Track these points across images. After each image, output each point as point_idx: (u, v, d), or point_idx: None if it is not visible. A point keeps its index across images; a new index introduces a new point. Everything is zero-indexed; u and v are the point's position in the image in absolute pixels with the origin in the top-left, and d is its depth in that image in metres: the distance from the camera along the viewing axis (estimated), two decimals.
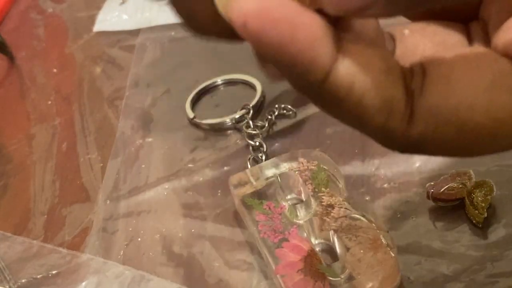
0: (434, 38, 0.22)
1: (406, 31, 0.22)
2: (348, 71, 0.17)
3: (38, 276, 0.35)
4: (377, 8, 0.16)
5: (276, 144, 0.39)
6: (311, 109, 0.41)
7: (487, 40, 0.21)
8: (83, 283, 0.34)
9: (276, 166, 0.35)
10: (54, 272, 0.35)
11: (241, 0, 0.16)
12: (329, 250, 0.32)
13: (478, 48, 0.20)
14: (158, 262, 0.35)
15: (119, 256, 0.36)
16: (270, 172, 0.34)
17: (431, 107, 0.18)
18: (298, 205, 0.33)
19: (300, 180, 0.33)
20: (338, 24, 0.18)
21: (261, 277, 0.33)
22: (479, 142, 0.18)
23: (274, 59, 0.17)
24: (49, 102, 0.48)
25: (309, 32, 0.17)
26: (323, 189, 0.32)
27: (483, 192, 0.32)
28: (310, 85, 0.17)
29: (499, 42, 0.19)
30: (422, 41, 0.22)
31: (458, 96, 0.18)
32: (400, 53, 0.22)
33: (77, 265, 0.35)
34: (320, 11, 0.17)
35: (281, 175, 0.34)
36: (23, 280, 0.35)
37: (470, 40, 0.22)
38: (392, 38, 0.22)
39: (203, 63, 0.47)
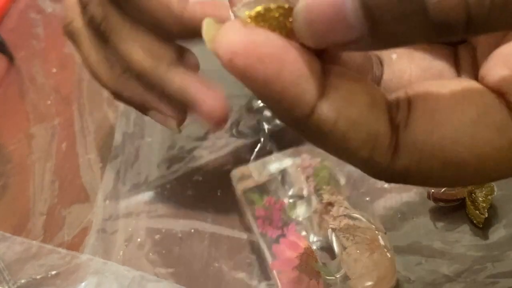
0: (421, 63, 0.22)
1: (394, 56, 0.22)
2: (333, 107, 0.17)
3: (38, 277, 0.35)
4: (362, 44, 0.16)
5: (278, 142, 0.39)
6: None
7: (474, 66, 0.21)
8: (83, 284, 0.34)
9: (279, 161, 0.34)
10: (53, 272, 0.35)
11: (228, 35, 0.16)
12: (327, 248, 0.32)
13: (465, 81, 0.19)
14: (158, 262, 0.35)
15: (119, 257, 0.36)
16: (273, 167, 0.34)
17: (415, 142, 0.18)
18: (298, 202, 0.33)
19: (302, 176, 0.33)
20: (324, 52, 0.18)
21: (261, 277, 0.33)
22: (463, 176, 0.18)
23: (260, 94, 0.17)
24: (49, 102, 0.48)
25: (294, 69, 0.17)
26: (324, 186, 0.32)
27: (483, 192, 0.32)
28: (296, 120, 0.18)
29: (485, 75, 0.19)
30: (409, 66, 0.22)
31: (442, 131, 0.18)
32: (387, 78, 0.22)
33: (76, 265, 0.35)
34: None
35: (283, 170, 0.34)
36: (22, 281, 0.35)
37: (458, 66, 0.22)
38: (380, 62, 0.22)
39: (203, 63, 0.47)
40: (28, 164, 0.43)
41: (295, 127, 0.18)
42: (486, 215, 0.31)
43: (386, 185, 0.35)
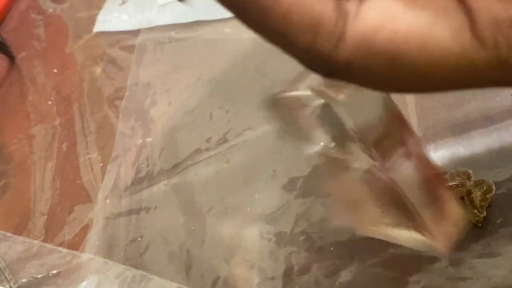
0: None
1: None
2: None
3: (39, 276, 0.35)
4: None
5: None
6: None
7: None
8: (84, 283, 0.34)
9: None
10: (54, 272, 0.35)
11: None
12: None
13: None
14: (158, 262, 0.35)
15: (120, 256, 0.36)
16: None
17: (365, 32, 0.17)
18: None
19: None
20: None
21: (262, 276, 0.33)
22: (408, 79, 0.18)
23: None
24: (49, 102, 0.48)
25: None
26: None
27: (482, 191, 0.32)
28: None
29: None
30: None
31: (396, 25, 0.17)
32: None
33: (77, 264, 0.35)
34: None
35: None
36: (23, 280, 0.35)
37: None
38: None
39: (203, 63, 0.47)
40: (29, 164, 0.43)
41: (233, 6, 0.17)
42: (485, 214, 0.31)
43: None
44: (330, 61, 0.18)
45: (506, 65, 0.18)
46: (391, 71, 0.18)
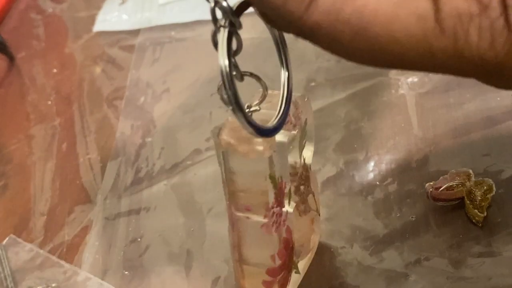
0: None
1: None
2: None
3: None
4: None
5: None
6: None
7: None
8: None
9: None
10: (53, 285, 0.35)
11: None
12: None
13: None
14: (158, 262, 0.35)
15: (119, 257, 0.36)
16: None
17: (336, 1, 0.18)
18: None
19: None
20: None
21: None
22: (370, 52, 0.19)
23: None
24: (49, 102, 0.48)
25: None
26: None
27: (482, 191, 0.32)
28: None
29: None
30: None
31: (367, 1, 0.18)
32: None
33: (75, 283, 0.35)
34: None
35: None
36: None
37: None
38: None
39: (203, 63, 0.47)
40: (29, 164, 0.43)
41: None
42: (485, 214, 0.31)
43: (385, 182, 0.35)
44: (299, 22, 0.19)
45: (462, 56, 0.18)
46: (355, 41, 0.19)
